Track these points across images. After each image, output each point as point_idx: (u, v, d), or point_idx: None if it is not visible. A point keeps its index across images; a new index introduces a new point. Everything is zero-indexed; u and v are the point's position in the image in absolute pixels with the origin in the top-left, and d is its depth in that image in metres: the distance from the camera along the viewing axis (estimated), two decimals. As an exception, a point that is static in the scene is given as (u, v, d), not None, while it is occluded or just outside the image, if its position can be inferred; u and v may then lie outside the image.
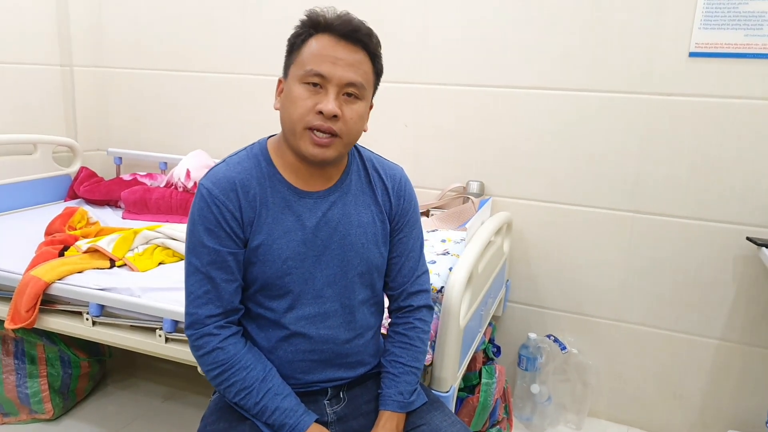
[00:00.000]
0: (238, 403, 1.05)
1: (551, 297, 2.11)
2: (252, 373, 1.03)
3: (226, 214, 1.01)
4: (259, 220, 1.03)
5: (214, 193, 1.01)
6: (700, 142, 1.83)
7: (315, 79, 0.98)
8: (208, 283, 1.03)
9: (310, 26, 1.01)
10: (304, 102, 0.98)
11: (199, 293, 1.03)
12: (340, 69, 0.98)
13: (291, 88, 1.01)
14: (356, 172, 1.13)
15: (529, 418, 2.05)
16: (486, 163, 2.08)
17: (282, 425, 1.02)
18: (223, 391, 1.05)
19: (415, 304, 1.18)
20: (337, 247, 1.08)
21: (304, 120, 0.99)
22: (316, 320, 1.08)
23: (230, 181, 1.02)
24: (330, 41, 0.99)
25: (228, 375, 1.03)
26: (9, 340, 1.84)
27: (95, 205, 2.31)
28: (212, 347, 1.03)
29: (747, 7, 1.71)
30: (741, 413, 1.95)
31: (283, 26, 1.11)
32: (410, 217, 1.18)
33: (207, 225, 1.01)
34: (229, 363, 1.03)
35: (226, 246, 1.02)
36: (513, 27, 1.96)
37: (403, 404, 1.12)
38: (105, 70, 2.56)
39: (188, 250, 1.04)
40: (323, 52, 0.98)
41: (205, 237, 1.01)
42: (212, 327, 1.03)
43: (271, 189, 1.05)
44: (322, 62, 0.98)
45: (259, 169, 1.05)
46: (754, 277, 1.85)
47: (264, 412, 1.03)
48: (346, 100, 1.00)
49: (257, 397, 1.03)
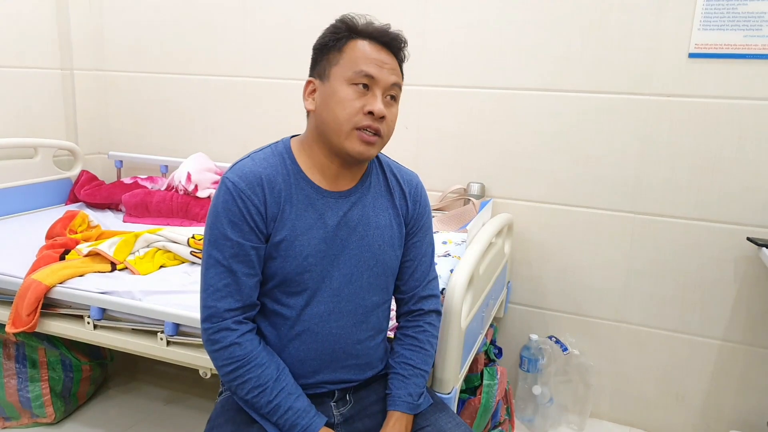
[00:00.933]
0: (250, 401, 1.04)
1: (552, 298, 2.11)
2: (267, 371, 1.03)
3: (251, 208, 1.01)
4: (283, 216, 1.04)
5: (240, 187, 1.01)
6: (700, 142, 1.83)
7: (365, 80, 1.01)
8: (228, 276, 1.02)
9: (348, 30, 1.04)
10: (352, 102, 1.01)
11: (219, 286, 1.03)
12: (386, 72, 1.03)
13: (336, 89, 1.02)
14: (376, 175, 1.15)
15: (531, 420, 2.05)
16: (487, 164, 2.08)
17: (293, 425, 1.02)
18: (236, 388, 1.04)
19: (425, 308, 1.20)
20: (355, 247, 1.09)
21: (352, 120, 1.01)
22: (330, 319, 1.08)
23: (256, 176, 1.03)
24: (373, 46, 1.03)
25: (243, 371, 1.02)
26: (10, 344, 1.84)
27: (96, 209, 2.32)
28: (229, 342, 1.02)
29: (746, 8, 1.71)
30: (742, 414, 1.94)
31: (283, 29, 1.12)
32: (425, 222, 1.20)
33: (231, 218, 1.01)
34: (245, 359, 1.02)
35: (249, 240, 1.02)
36: (513, 29, 1.96)
37: (412, 406, 1.13)
38: (106, 74, 2.57)
39: (209, 243, 1.04)
40: (370, 56, 1.02)
41: (228, 230, 1.01)
42: (230, 321, 1.03)
43: (296, 186, 1.06)
44: (370, 65, 1.01)
45: (284, 166, 1.07)
46: (755, 277, 1.85)
47: (276, 411, 1.02)
48: (388, 102, 1.04)
49: (270, 396, 1.02)
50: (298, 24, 2.20)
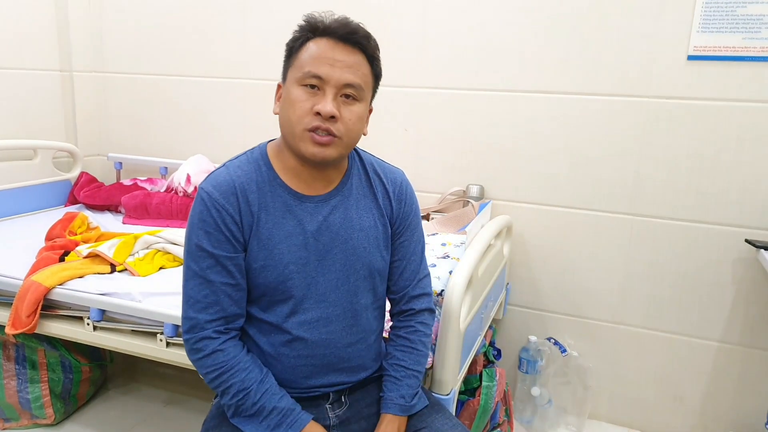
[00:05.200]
0: (235, 405, 1.04)
1: (551, 300, 2.11)
2: (250, 375, 1.04)
3: (226, 218, 1.01)
4: (259, 225, 1.03)
5: (214, 197, 1.01)
6: (698, 144, 1.83)
7: (313, 80, 0.99)
8: (206, 287, 1.03)
9: (308, 30, 1.02)
10: (302, 104, 0.99)
11: (198, 297, 1.03)
12: (338, 70, 0.99)
13: (289, 91, 1.01)
14: (357, 175, 1.13)
15: (530, 421, 2.05)
16: (485, 166, 2.08)
17: (279, 425, 1.03)
18: (221, 393, 1.06)
19: (416, 308, 1.19)
20: (339, 251, 1.08)
21: (303, 122, 0.99)
22: (318, 325, 1.08)
23: (230, 185, 1.02)
24: (328, 44, 1.00)
25: (227, 377, 1.03)
26: (10, 346, 1.84)
27: (95, 210, 2.32)
28: (212, 350, 1.03)
29: (745, 11, 1.72)
30: (741, 415, 1.95)
31: (282, 31, 1.12)
32: (411, 221, 1.18)
33: (206, 228, 1.01)
34: (228, 365, 1.03)
35: (225, 250, 1.02)
36: (512, 31, 1.96)
37: (404, 407, 1.13)
38: (105, 75, 2.57)
39: (187, 254, 1.04)
40: (321, 55, 0.99)
41: (204, 241, 1.01)
42: (211, 331, 1.03)
43: (272, 193, 1.05)
44: (320, 64, 0.99)
45: (259, 173, 1.05)
46: (753, 279, 1.85)
47: (261, 412, 1.03)
48: (345, 101, 1.01)
49: (255, 398, 1.03)
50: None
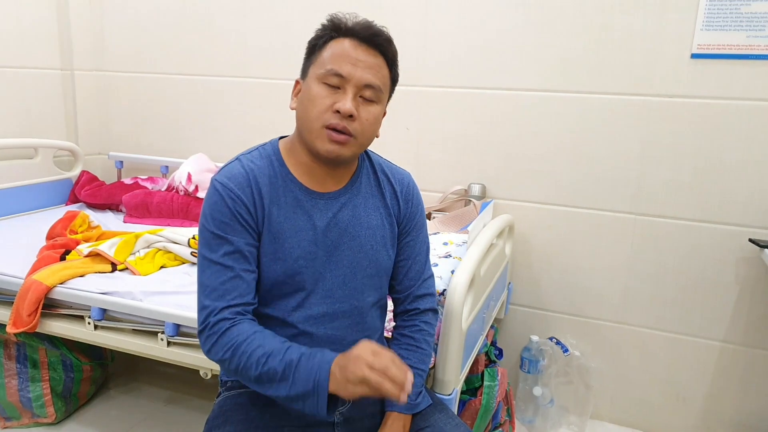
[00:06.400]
0: (262, 375, 0.95)
1: (553, 299, 2.10)
2: (272, 340, 0.98)
3: (240, 208, 1.01)
4: (270, 218, 1.04)
5: (229, 187, 1.01)
6: (702, 143, 1.82)
7: (334, 79, 1.00)
8: (223, 274, 1.01)
9: (331, 29, 1.03)
10: (323, 100, 1.00)
11: (214, 285, 1.01)
12: (360, 70, 1.00)
13: (309, 87, 1.02)
14: (366, 175, 1.15)
15: (532, 421, 2.05)
16: (488, 165, 2.07)
17: (310, 369, 0.93)
18: (244, 367, 0.96)
19: (421, 307, 1.19)
20: (346, 248, 1.09)
21: (321, 118, 1.00)
22: (324, 320, 1.08)
23: (245, 177, 1.03)
24: (351, 44, 1.01)
25: (245, 347, 0.96)
26: (11, 345, 1.84)
27: (96, 209, 2.32)
28: (227, 327, 0.98)
29: (749, 9, 1.71)
30: (744, 415, 1.94)
31: (284, 30, 1.12)
32: (417, 221, 1.19)
33: (222, 218, 1.01)
34: (246, 335, 0.97)
35: (243, 237, 1.02)
36: (514, 30, 1.96)
37: (409, 406, 1.13)
38: (106, 74, 2.57)
39: (203, 245, 1.03)
40: (344, 54, 1.00)
41: (220, 230, 1.01)
42: (227, 313, 1.00)
43: (283, 188, 1.06)
44: (342, 63, 1.00)
45: (271, 168, 1.06)
46: (757, 278, 1.85)
47: (290, 366, 0.94)
48: (363, 102, 1.02)
49: (280, 355, 0.95)
50: (298, 25, 2.20)
